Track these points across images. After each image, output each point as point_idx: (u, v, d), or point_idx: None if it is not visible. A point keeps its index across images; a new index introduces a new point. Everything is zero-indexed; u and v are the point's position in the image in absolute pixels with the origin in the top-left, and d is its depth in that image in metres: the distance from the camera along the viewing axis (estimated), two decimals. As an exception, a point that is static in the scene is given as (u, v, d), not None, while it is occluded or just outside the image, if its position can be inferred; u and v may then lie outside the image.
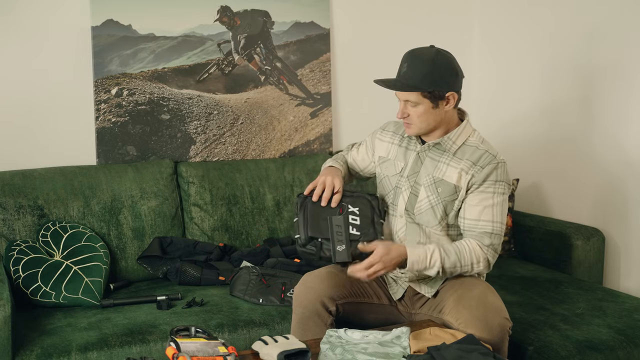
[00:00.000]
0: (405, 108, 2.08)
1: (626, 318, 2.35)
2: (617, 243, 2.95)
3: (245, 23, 3.15)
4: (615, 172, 2.92)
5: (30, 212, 2.64)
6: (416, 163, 2.16)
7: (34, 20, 2.83)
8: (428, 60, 2.04)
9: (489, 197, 2.06)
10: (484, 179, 2.06)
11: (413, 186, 2.15)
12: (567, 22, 3.11)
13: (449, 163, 2.11)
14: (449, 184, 2.10)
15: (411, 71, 2.04)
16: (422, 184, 2.13)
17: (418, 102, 2.05)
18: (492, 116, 3.59)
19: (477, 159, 2.08)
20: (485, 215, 2.06)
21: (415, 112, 2.07)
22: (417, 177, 2.15)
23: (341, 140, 3.43)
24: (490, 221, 2.06)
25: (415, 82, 2.03)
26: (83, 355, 2.09)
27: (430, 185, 2.12)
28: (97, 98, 2.92)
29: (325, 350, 1.82)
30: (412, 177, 2.16)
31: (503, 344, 1.99)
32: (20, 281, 2.41)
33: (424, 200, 2.13)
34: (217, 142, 3.12)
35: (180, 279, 2.69)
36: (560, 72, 3.16)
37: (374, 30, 3.44)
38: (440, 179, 2.11)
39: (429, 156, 2.15)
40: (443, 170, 2.11)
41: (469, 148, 2.12)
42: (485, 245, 2.06)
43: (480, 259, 2.05)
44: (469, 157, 2.10)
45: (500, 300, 2.06)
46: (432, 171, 2.13)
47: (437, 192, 2.10)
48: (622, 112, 2.88)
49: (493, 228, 2.06)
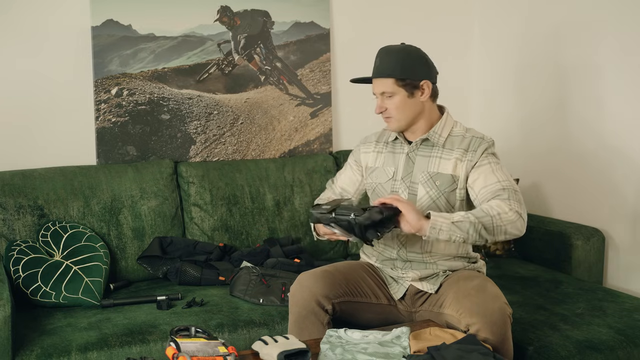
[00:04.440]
0: (382, 102, 2.13)
1: (626, 318, 2.35)
2: (617, 243, 2.95)
3: (245, 23, 3.15)
4: (615, 172, 2.92)
5: (30, 212, 2.64)
6: (407, 164, 2.19)
7: (34, 20, 2.84)
8: (398, 50, 2.12)
9: (486, 166, 2.09)
10: (479, 157, 2.11)
11: (410, 186, 2.17)
12: (566, 22, 3.11)
13: (440, 156, 2.15)
14: (446, 175, 2.12)
15: (383, 63, 2.12)
16: (419, 182, 2.16)
17: (394, 92, 2.10)
18: (491, 116, 3.59)
19: (468, 146, 2.13)
20: (489, 180, 2.06)
21: (393, 103, 2.11)
22: (412, 176, 2.17)
23: (341, 140, 3.43)
24: (497, 181, 2.05)
25: (387, 70, 2.10)
26: (83, 355, 2.09)
27: (427, 181, 2.14)
28: (97, 98, 2.92)
29: (325, 350, 1.82)
30: (406, 178, 2.18)
31: (506, 329, 1.96)
32: (20, 281, 2.41)
33: (424, 197, 2.14)
34: (217, 142, 3.12)
35: (180, 279, 2.69)
36: (561, 72, 3.16)
37: (374, 30, 3.44)
38: (436, 172, 2.14)
39: (419, 154, 2.18)
40: (436, 163, 2.15)
41: (456, 138, 2.16)
42: (505, 198, 1.99)
43: (506, 208, 1.95)
44: (459, 145, 2.14)
45: (498, 289, 2.06)
46: (425, 167, 2.16)
47: (436, 185, 2.13)
48: (623, 113, 2.88)
49: (503, 185, 2.03)
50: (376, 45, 3.45)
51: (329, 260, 2.96)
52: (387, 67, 2.10)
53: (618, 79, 2.88)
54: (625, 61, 2.85)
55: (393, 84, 2.10)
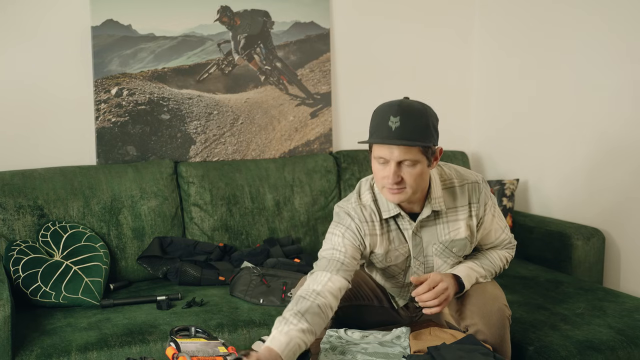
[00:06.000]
0: (398, 170, 1.80)
1: (626, 318, 2.35)
2: (617, 243, 2.95)
3: (245, 23, 3.15)
4: (616, 173, 2.92)
5: (30, 212, 2.64)
6: (415, 240, 1.98)
7: (34, 20, 2.83)
8: (421, 112, 1.80)
9: (489, 219, 2.06)
10: (485, 208, 2.02)
11: (424, 262, 2.01)
12: (566, 22, 3.11)
13: (447, 220, 1.98)
14: (462, 240, 2.00)
15: (408, 126, 1.77)
16: (433, 254, 2.00)
17: (417, 161, 1.80)
18: (491, 116, 3.59)
19: (470, 197, 1.98)
20: (497, 232, 2.10)
21: (412, 173, 1.81)
22: (424, 251, 2.00)
23: (341, 140, 3.43)
24: (502, 232, 2.12)
25: (414, 136, 1.77)
26: (83, 355, 2.09)
27: (443, 251, 2.00)
28: (97, 98, 2.92)
29: (325, 350, 1.82)
30: (419, 256, 2.00)
31: (504, 331, 1.97)
32: (20, 281, 2.41)
33: (442, 267, 2.03)
34: (217, 142, 3.12)
35: (180, 279, 2.69)
36: (561, 72, 3.16)
37: (374, 30, 3.45)
38: (450, 240, 1.99)
39: (425, 226, 1.97)
40: (446, 230, 1.98)
41: (451, 191, 1.97)
42: (512, 247, 2.16)
43: (509, 258, 2.15)
44: (461, 201, 1.97)
45: (499, 289, 2.06)
46: (436, 238, 1.98)
47: (453, 252, 2.01)
48: (623, 113, 2.87)
49: (507, 234, 2.13)
50: (376, 45, 3.49)
51: (329, 260, 2.96)
52: (414, 132, 1.77)
53: (618, 79, 2.88)
54: (625, 61, 2.85)
55: (419, 152, 1.79)
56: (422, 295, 1.88)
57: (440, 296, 1.88)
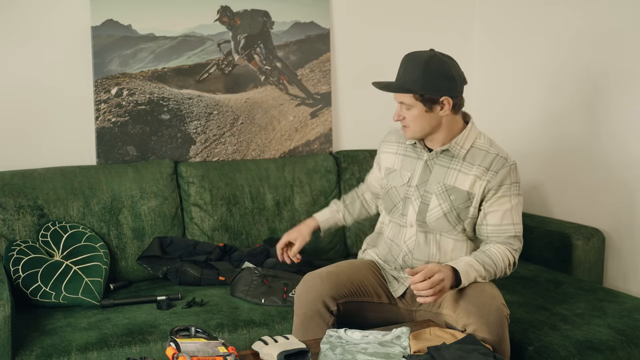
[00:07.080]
0: (400, 110, 2.09)
1: (626, 318, 2.35)
2: (617, 243, 2.95)
3: (245, 23, 3.15)
4: (616, 172, 2.92)
5: (30, 212, 2.64)
6: (424, 171, 2.14)
7: (34, 20, 2.83)
8: (421, 63, 2.02)
9: (506, 200, 2.08)
10: (500, 184, 2.07)
11: (423, 195, 2.14)
12: (569, 26, 3.11)
13: (459, 169, 2.10)
14: (462, 191, 2.09)
15: (406, 74, 2.05)
16: (433, 192, 2.12)
17: (412, 105, 2.05)
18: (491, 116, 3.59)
19: (490, 164, 2.08)
20: (506, 219, 2.09)
21: (410, 114, 2.07)
22: (427, 185, 2.13)
23: (341, 140, 3.43)
24: (512, 224, 2.10)
25: (407, 84, 2.03)
26: (83, 355, 2.09)
27: (441, 193, 2.11)
28: (97, 98, 2.92)
29: (325, 350, 1.82)
30: (421, 187, 2.14)
31: (503, 330, 1.98)
32: (20, 281, 2.41)
33: (435, 209, 2.11)
34: (217, 142, 3.12)
35: (180, 279, 2.69)
36: (561, 72, 3.16)
37: (374, 30, 3.44)
38: (452, 186, 2.10)
39: (438, 163, 2.13)
40: (454, 177, 2.10)
41: (479, 152, 2.10)
42: (514, 250, 2.12)
43: (511, 262, 2.11)
44: (481, 162, 2.09)
45: (497, 289, 2.08)
46: (442, 178, 2.11)
47: (450, 199, 2.09)
48: (624, 113, 2.87)
49: (516, 231, 2.11)
50: (376, 45, 3.49)
51: (329, 259, 2.96)
52: (408, 81, 2.04)
53: (617, 79, 2.88)
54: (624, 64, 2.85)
55: (411, 97, 2.04)
56: (417, 284, 1.92)
57: (435, 287, 1.92)
